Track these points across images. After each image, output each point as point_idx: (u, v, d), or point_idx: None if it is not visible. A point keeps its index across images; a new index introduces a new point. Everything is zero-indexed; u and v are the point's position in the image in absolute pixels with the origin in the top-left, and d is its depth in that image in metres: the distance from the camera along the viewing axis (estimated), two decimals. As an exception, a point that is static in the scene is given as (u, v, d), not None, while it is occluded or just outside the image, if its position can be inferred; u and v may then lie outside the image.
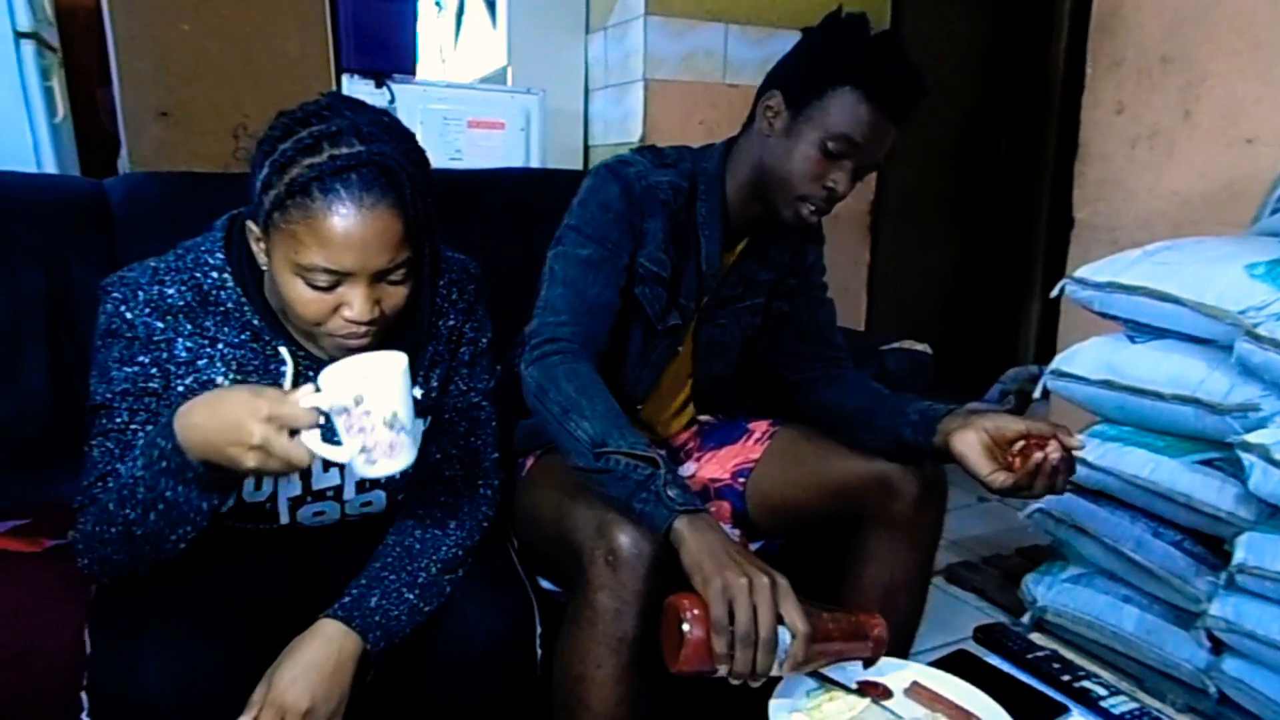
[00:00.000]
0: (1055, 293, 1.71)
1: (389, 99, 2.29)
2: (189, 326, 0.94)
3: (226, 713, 0.86)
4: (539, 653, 1.05)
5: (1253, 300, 1.37)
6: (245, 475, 0.85)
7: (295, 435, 0.78)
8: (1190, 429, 1.50)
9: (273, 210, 0.84)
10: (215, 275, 0.95)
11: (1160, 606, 1.58)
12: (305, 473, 1.01)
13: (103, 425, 0.93)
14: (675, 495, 0.93)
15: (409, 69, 2.37)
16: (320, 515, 1.06)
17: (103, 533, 0.88)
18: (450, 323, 1.07)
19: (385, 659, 0.97)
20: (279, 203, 0.83)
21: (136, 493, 0.85)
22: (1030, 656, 1.10)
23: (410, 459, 0.83)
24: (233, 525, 1.02)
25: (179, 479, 0.83)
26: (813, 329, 1.38)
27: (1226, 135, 1.96)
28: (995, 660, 1.11)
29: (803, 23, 1.19)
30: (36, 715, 0.95)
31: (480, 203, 1.69)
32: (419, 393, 1.06)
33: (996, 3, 3.56)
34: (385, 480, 1.06)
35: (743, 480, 1.30)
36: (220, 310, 0.95)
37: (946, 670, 0.99)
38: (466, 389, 1.10)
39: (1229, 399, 1.41)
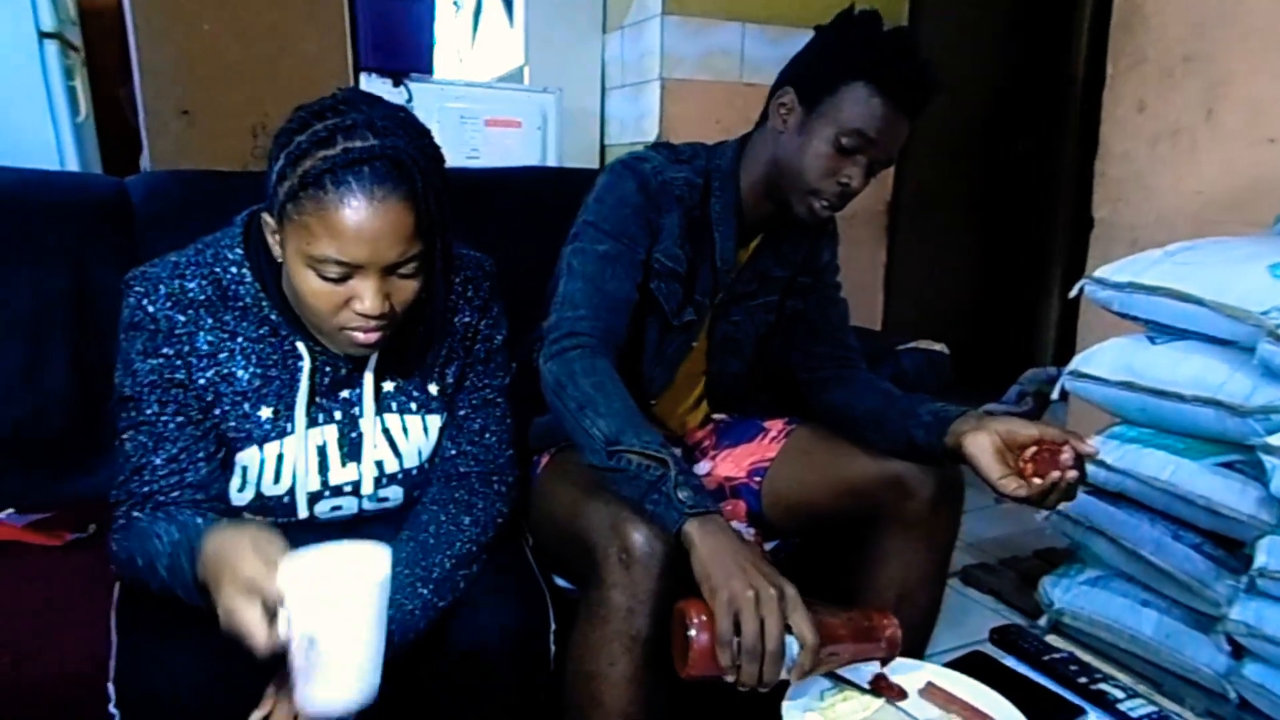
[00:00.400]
0: (1074, 293, 1.70)
1: (406, 97, 2.31)
2: (210, 320, 0.95)
3: (251, 705, 0.87)
4: (553, 649, 1.05)
5: (1275, 301, 1.36)
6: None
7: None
8: (1211, 431, 1.49)
9: (286, 202, 0.84)
10: (234, 271, 0.96)
11: (1179, 610, 1.57)
12: (323, 467, 1.02)
13: (132, 418, 0.94)
14: (686, 497, 0.93)
15: (426, 68, 2.39)
16: (338, 509, 1.06)
17: (132, 565, 0.91)
18: (465, 319, 1.08)
19: (399, 654, 0.97)
20: (292, 194, 0.83)
21: (158, 566, 0.87)
22: (1046, 658, 1.09)
23: (368, 694, 0.78)
24: (252, 519, 1.03)
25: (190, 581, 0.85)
26: (825, 328, 1.37)
27: (1249, 134, 1.94)
28: (1011, 662, 1.10)
29: (820, 22, 1.19)
30: (63, 706, 0.95)
31: (496, 201, 1.70)
32: (435, 389, 1.07)
33: (1016, 0, 3.54)
34: (402, 476, 1.07)
35: (758, 479, 1.30)
36: (239, 305, 0.96)
37: (962, 671, 0.98)
38: (482, 385, 1.10)
39: (1251, 401, 1.39)
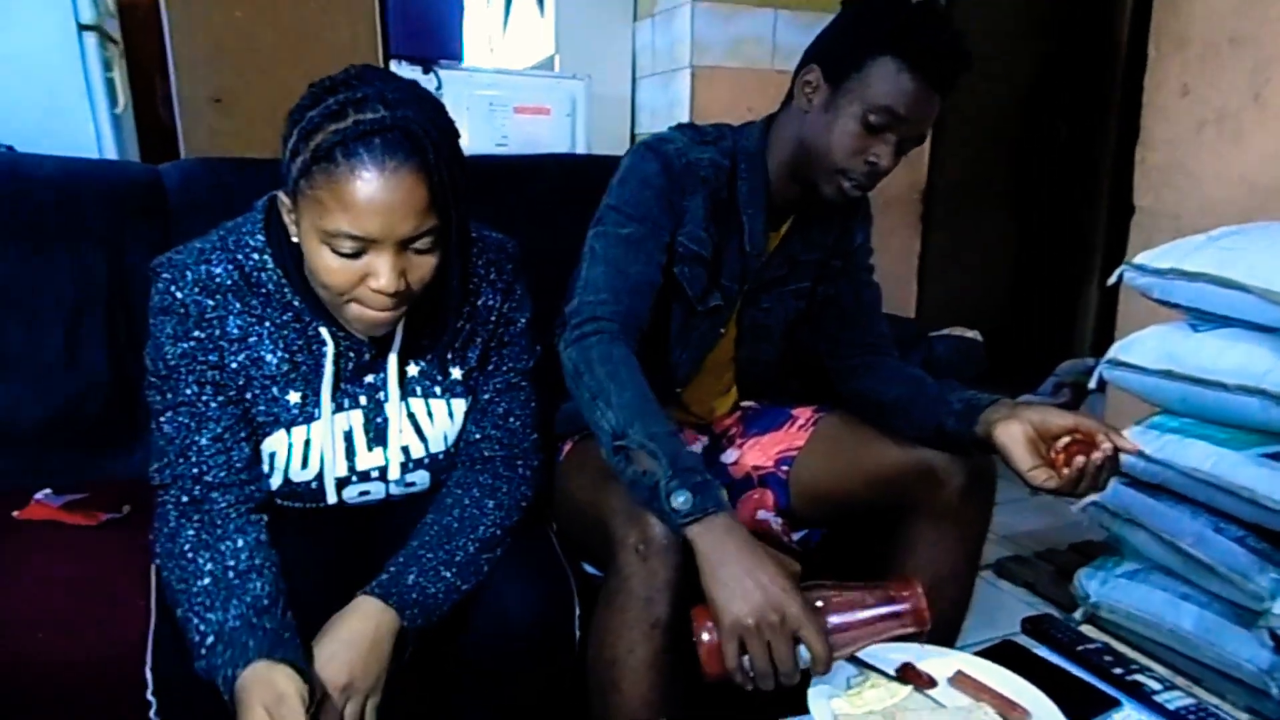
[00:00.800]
0: (1113, 280, 1.66)
1: (436, 85, 2.32)
2: (238, 305, 0.96)
3: None
4: (577, 634, 1.06)
5: (1324, 286, 1.32)
6: None
7: None
8: (1255, 421, 1.45)
9: (299, 177, 0.84)
10: (256, 257, 0.96)
11: (1220, 605, 1.53)
12: (350, 452, 1.03)
13: (169, 399, 0.95)
14: (682, 504, 0.90)
15: (456, 55, 2.40)
16: (365, 495, 1.07)
17: (166, 582, 0.93)
18: (489, 302, 1.07)
19: (424, 637, 0.98)
20: (305, 169, 0.83)
21: (188, 628, 0.89)
22: (1080, 648, 1.06)
23: None
24: (281, 504, 1.04)
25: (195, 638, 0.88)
26: (856, 314, 1.35)
27: (1299, 118, 1.88)
28: (1044, 652, 1.07)
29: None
30: (99, 683, 0.97)
31: (525, 188, 1.70)
32: (459, 372, 1.07)
33: (1056, -19, 3.47)
34: (428, 461, 1.07)
35: (786, 469, 1.29)
36: (263, 291, 0.96)
37: (993, 660, 0.96)
38: (505, 369, 1.10)
39: (1297, 390, 1.35)
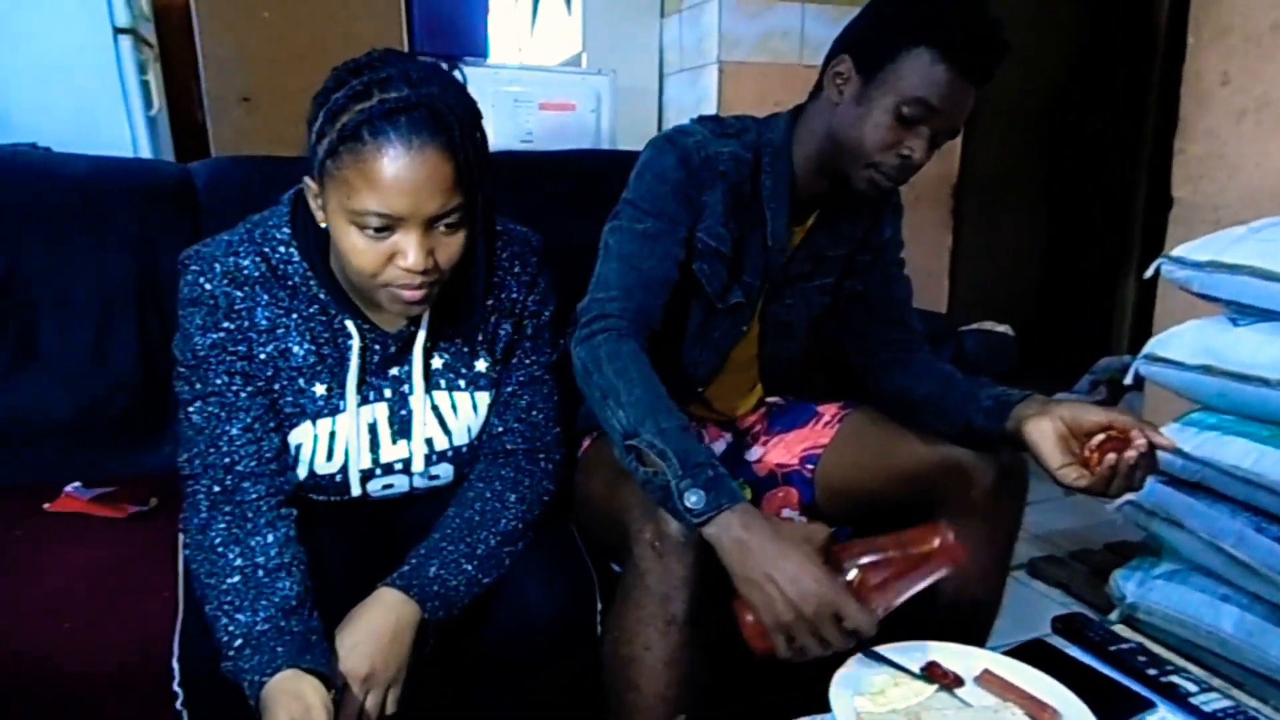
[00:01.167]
0: (1150, 272, 1.62)
1: (462, 81, 2.32)
2: (265, 296, 0.97)
3: None
4: (599, 630, 1.05)
5: (1371, 277, 1.27)
6: None
7: None
8: (1298, 417, 1.40)
9: (326, 158, 0.85)
10: (282, 250, 0.97)
11: (1262, 606, 1.49)
12: (374, 445, 1.03)
13: (199, 389, 0.96)
14: (695, 503, 0.88)
15: (481, 52, 2.40)
16: (389, 488, 1.07)
17: (195, 573, 0.93)
18: (513, 294, 1.07)
19: (445, 630, 0.98)
20: (332, 149, 0.84)
21: (216, 626, 0.89)
22: (1113, 648, 1.04)
23: None
24: (306, 497, 1.05)
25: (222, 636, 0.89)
26: (885, 309, 1.32)
27: (1344, 106, 1.83)
28: (1075, 652, 1.05)
29: (882, -1, 1.14)
30: (128, 671, 0.99)
31: (550, 184, 1.70)
32: (484, 365, 1.07)
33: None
34: (452, 454, 1.07)
35: (811, 467, 1.27)
36: (289, 284, 0.97)
37: (1021, 660, 0.94)
38: (529, 362, 1.10)
39: (1343, 384, 1.31)
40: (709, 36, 2.68)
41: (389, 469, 1.05)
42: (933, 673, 0.91)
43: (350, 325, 0.98)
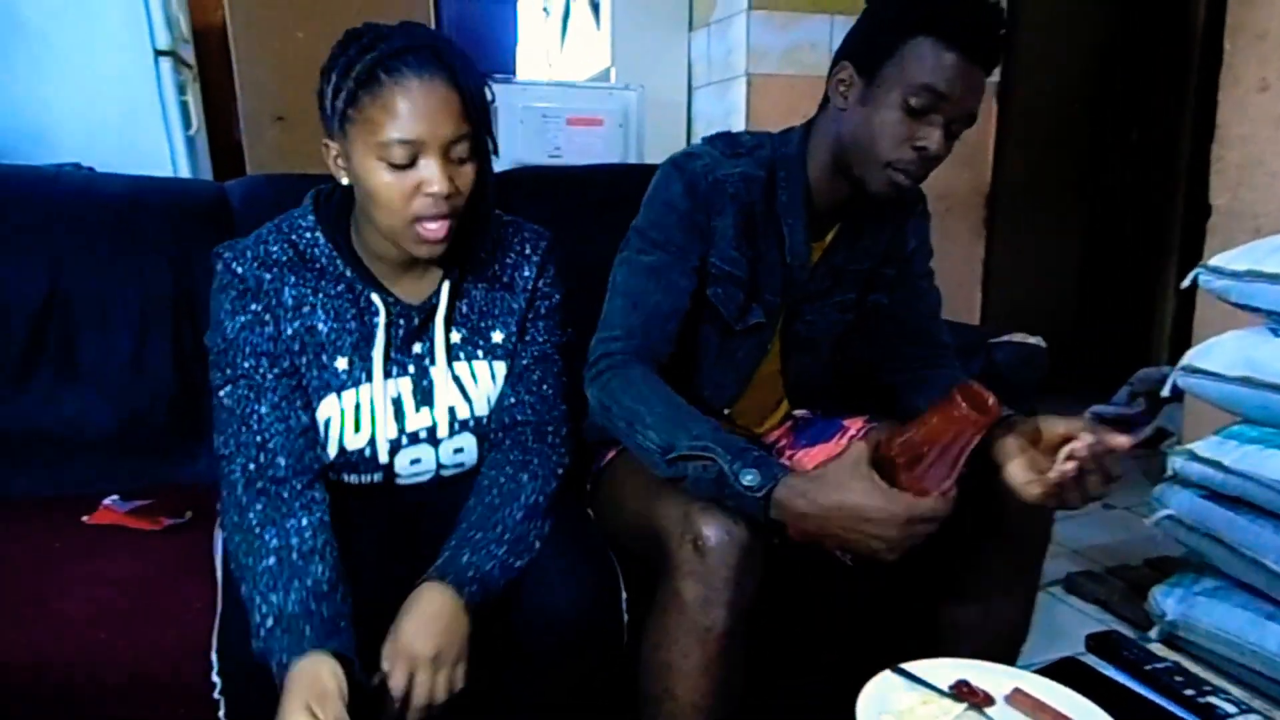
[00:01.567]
0: (1187, 282, 1.60)
1: (490, 98, 2.35)
2: (292, 277, 1.04)
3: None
4: (625, 618, 1.05)
5: None
6: None
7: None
8: (1343, 430, 1.37)
9: (346, 107, 0.94)
10: (308, 235, 1.06)
11: (1308, 625, 1.45)
12: (399, 415, 1.08)
13: (228, 374, 1.02)
14: (750, 481, 0.92)
15: (510, 69, 2.43)
16: (417, 462, 1.11)
17: (233, 557, 0.98)
18: (525, 274, 1.15)
19: (479, 621, 0.99)
20: (351, 97, 0.93)
21: (250, 607, 0.93)
22: (1149, 668, 1.01)
23: None
24: (336, 478, 1.09)
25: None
26: (912, 325, 1.30)
27: (1388, 111, 1.78)
28: (1110, 671, 1.03)
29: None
30: (166, 673, 1.01)
31: (577, 198, 1.71)
32: (500, 336, 1.13)
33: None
34: (473, 424, 1.12)
35: None
36: (316, 266, 1.05)
37: (1054, 679, 0.92)
38: (541, 340, 1.16)
39: (1389, 396, 1.27)
40: (737, 49, 2.69)
41: (415, 438, 1.10)
42: (962, 691, 0.90)
43: (376, 299, 1.05)
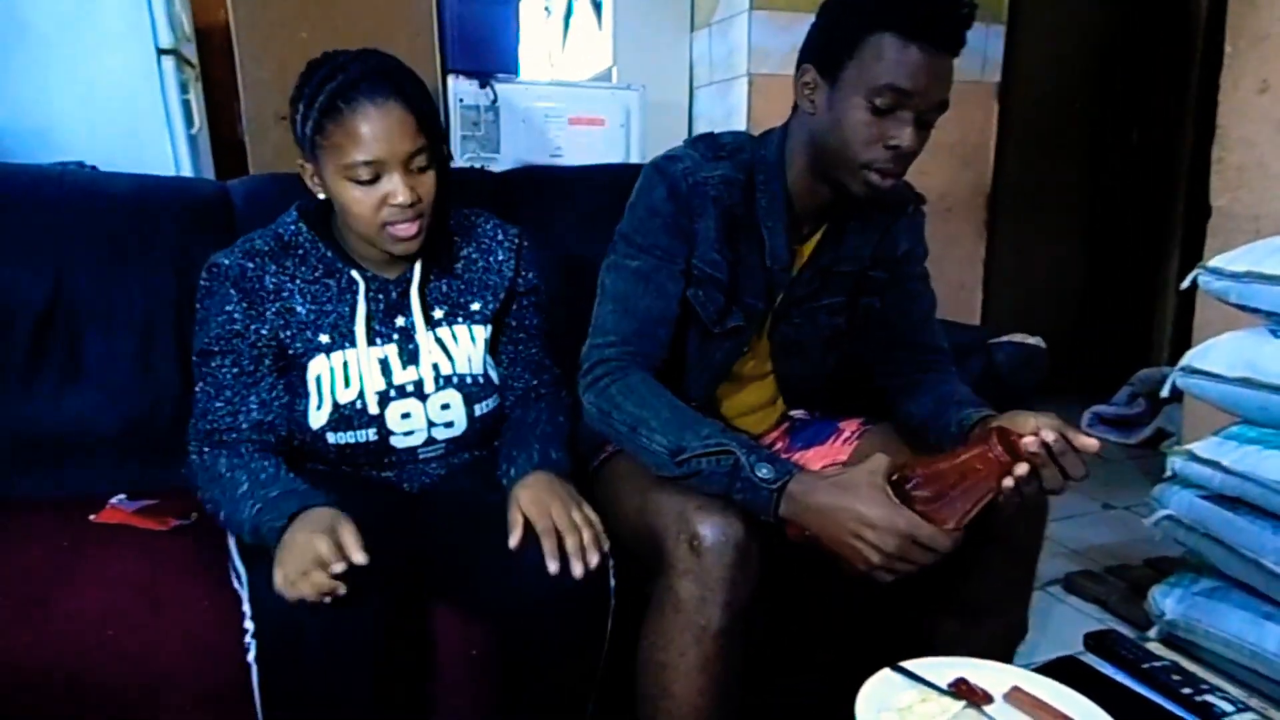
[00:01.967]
0: (1186, 284, 1.60)
1: (492, 98, 2.35)
2: (273, 266, 1.14)
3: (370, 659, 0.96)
4: (613, 603, 1.06)
5: None
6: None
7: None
8: (1342, 431, 1.37)
9: (314, 135, 1.05)
10: (292, 227, 1.17)
11: (1306, 625, 1.45)
12: (385, 371, 1.16)
13: (202, 373, 1.14)
14: (766, 474, 0.94)
15: (512, 69, 2.44)
16: (407, 416, 1.17)
17: (205, 500, 1.09)
18: (499, 256, 1.26)
19: (454, 600, 1.06)
20: (318, 125, 1.04)
21: (221, 504, 1.05)
22: (1146, 666, 1.02)
23: None
24: (336, 443, 1.15)
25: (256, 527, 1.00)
26: (905, 328, 1.29)
27: (1388, 113, 1.79)
28: (1108, 670, 1.03)
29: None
30: (171, 679, 1.01)
31: (578, 198, 1.71)
32: (478, 305, 1.23)
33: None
34: (457, 381, 1.20)
35: None
36: (299, 253, 1.15)
37: (1052, 677, 0.92)
38: (528, 323, 1.29)
39: (1387, 397, 1.28)
40: (739, 50, 2.69)
41: (402, 391, 1.17)
42: (960, 689, 0.90)
43: (355, 274, 1.15)
